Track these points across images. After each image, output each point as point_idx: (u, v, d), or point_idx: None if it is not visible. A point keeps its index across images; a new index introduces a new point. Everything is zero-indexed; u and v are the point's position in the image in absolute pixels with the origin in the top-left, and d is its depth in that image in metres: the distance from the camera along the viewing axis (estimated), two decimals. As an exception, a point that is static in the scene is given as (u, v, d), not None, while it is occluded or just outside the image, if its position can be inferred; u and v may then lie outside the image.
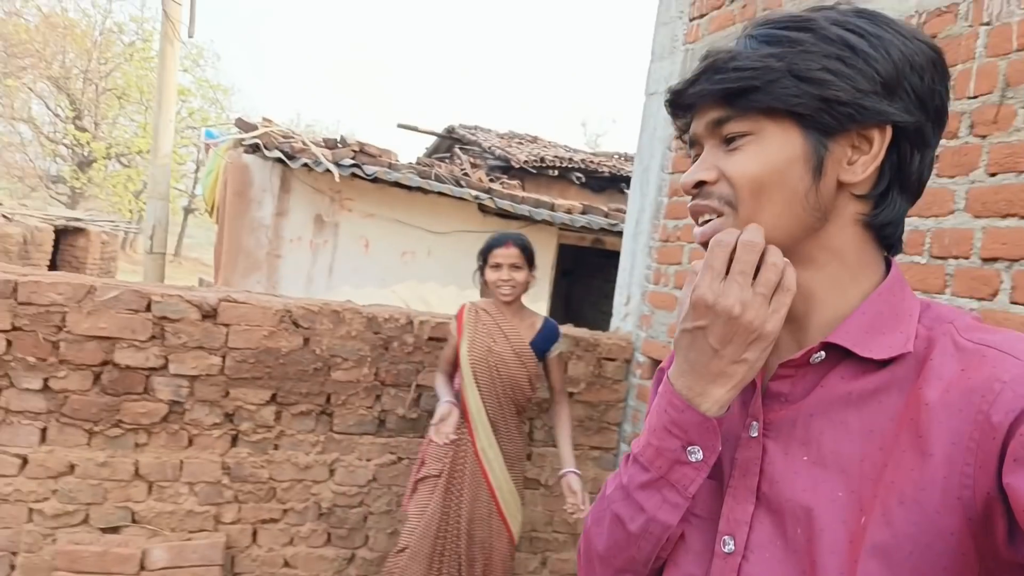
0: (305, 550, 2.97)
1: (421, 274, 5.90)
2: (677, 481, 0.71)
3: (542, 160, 8.67)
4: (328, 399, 2.95)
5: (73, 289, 2.59)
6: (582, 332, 3.36)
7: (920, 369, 0.65)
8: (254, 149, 5.35)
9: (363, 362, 2.95)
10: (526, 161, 8.48)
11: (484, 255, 2.62)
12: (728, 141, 0.70)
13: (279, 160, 5.26)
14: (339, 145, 5.68)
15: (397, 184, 5.55)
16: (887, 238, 0.72)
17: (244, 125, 5.56)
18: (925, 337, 0.67)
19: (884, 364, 0.67)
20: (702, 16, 3.24)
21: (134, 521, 2.73)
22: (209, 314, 2.76)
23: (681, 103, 0.73)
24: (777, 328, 0.67)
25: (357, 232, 5.77)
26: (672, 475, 0.71)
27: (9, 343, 2.53)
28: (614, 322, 3.69)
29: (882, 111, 0.66)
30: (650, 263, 3.42)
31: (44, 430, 2.61)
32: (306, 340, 2.89)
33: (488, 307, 2.65)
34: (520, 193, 6.33)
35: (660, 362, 3.19)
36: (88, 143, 24.24)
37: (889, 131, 0.68)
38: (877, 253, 0.73)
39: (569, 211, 6.32)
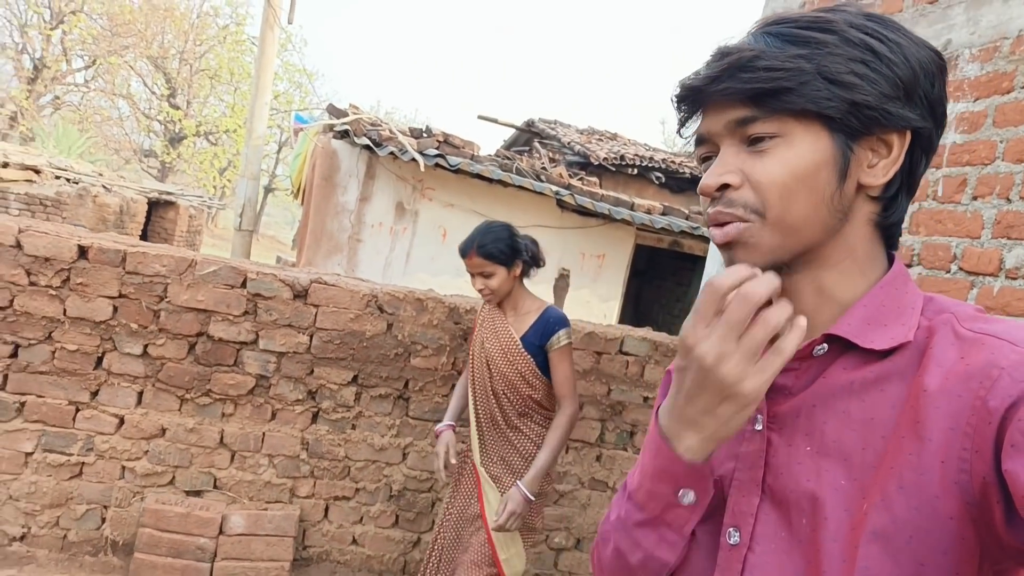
0: (373, 529, 3.03)
1: (496, 266, 5.92)
2: (672, 521, 0.71)
3: (622, 158, 8.57)
4: (406, 384, 2.99)
5: (176, 262, 2.70)
6: (660, 336, 3.30)
7: (921, 359, 0.65)
8: (342, 135, 5.47)
9: (442, 351, 2.98)
10: (605, 158, 8.40)
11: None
12: (752, 142, 0.68)
13: (366, 147, 5.36)
14: (424, 135, 5.74)
15: (478, 176, 5.58)
16: (891, 236, 0.74)
17: (335, 111, 5.68)
18: (926, 327, 0.67)
19: (886, 354, 0.67)
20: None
21: (216, 487, 2.83)
22: (300, 294, 2.83)
23: (697, 100, 0.70)
24: (759, 391, 0.62)
25: (436, 221, 5.83)
26: (667, 516, 0.71)
27: (115, 309, 2.66)
28: (694, 329, 3.61)
29: (904, 116, 0.67)
30: (737, 271, 3.33)
31: (140, 393, 2.73)
32: (389, 325, 2.93)
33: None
34: (600, 191, 6.26)
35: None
36: (180, 120, 25.34)
37: (908, 136, 0.69)
38: (882, 249, 0.74)
39: (649, 211, 6.22)
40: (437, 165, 5.47)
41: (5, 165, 8.79)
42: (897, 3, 2.67)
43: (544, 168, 6.44)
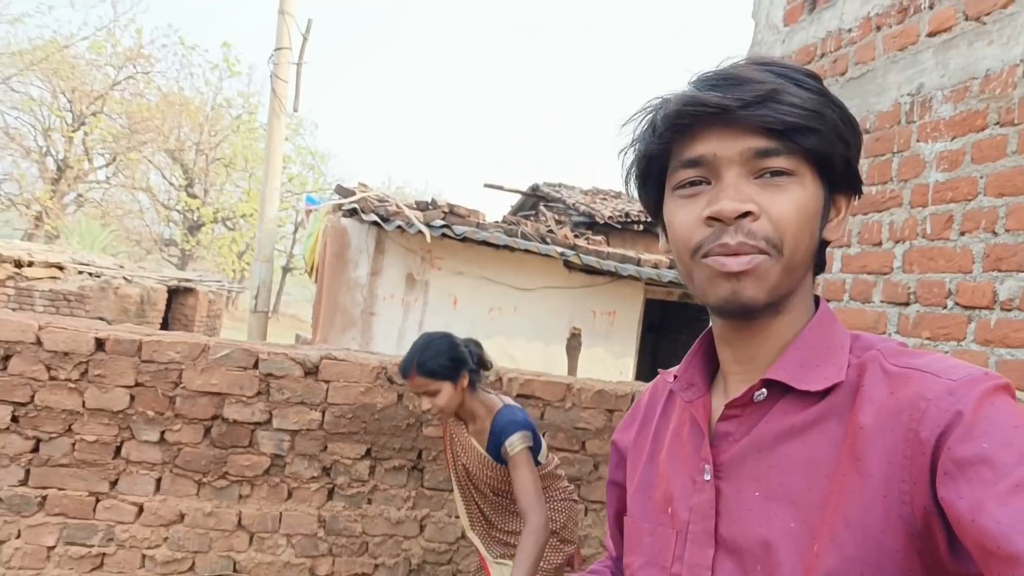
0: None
1: (508, 330, 5.97)
2: None
3: (627, 215, 8.69)
4: (419, 455, 3.00)
5: (189, 348, 2.77)
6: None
7: (854, 396, 0.67)
8: (351, 213, 5.63)
9: (454, 419, 3.00)
10: (610, 216, 8.52)
11: None
12: (761, 175, 0.68)
13: (374, 223, 5.51)
14: (430, 207, 5.90)
15: (485, 243, 5.69)
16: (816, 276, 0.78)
17: (343, 191, 5.88)
18: (856, 365, 0.70)
19: (822, 395, 0.69)
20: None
21: (235, 570, 2.83)
22: (311, 371, 2.89)
23: (713, 120, 0.67)
24: None
25: (446, 289, 5.93)
26: None
27: (132, 398, 2.72)
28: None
29: (860, 182, 0.74)
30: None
31: (159, 480, 2.77)
32: (400, 396, 2.97)
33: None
34: (605, 248, 6.35)
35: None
36: (198, 208, 26.07)
37: (853, 199, 0.75)
38: (812, 291, 0.77)
39: (656, 265, 6.28)
40: (443, 235, 5.60)
41: (30, 264, 9.09)
42: (869, 53, 2.77)
43: (550, 230, 6.56)
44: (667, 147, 0.71)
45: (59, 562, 2.66)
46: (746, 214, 0.66)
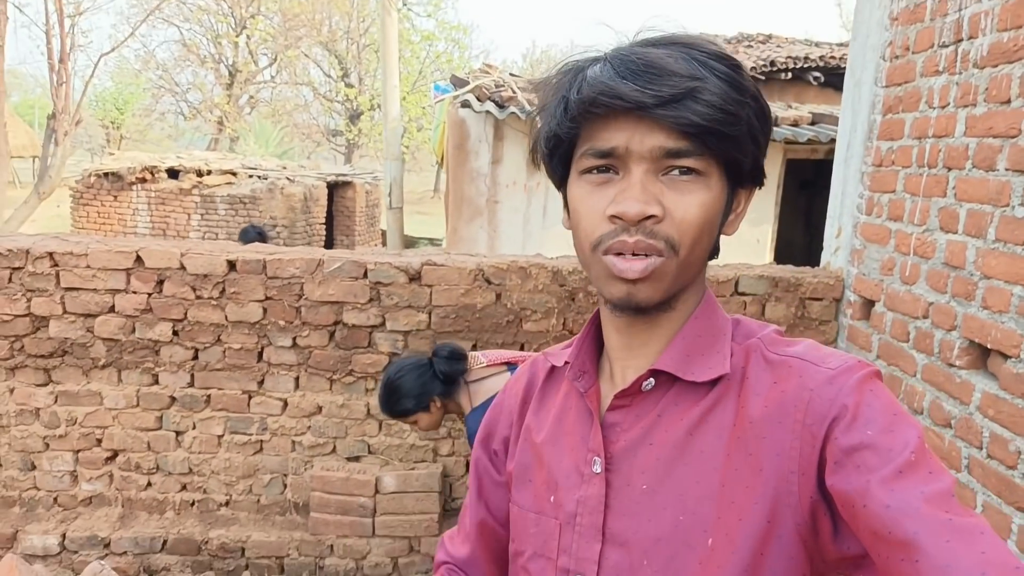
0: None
1: (635, 206, 5.87)
2: None
3: (772, 63, 7.92)
4: (522, 348, 3.16)
5: (306, 263, 3.06)
6: (780, 271, 3.16)
7: (740, 385, 0.69)
8: (468, 103, 5.65)
9: (551, 313, 3.11)
10: (753, 67, 7.81)
11: None
12: (670, 171, 0.66)
13: (490, 112, 5.50)
14: (546, 86, 5.76)
15: (604, 119, 5.52)
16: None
17: (458, 81, 5.88)
18: (740, 354, 0.71)
19: (710, 387, 0.70)
20: None
21: (370, 452, 3.23)
22: (415, 277, 3.09)
23: (621, 111, 0.64)
24: None
25: (569, 170, 5.87)
26: None
27: (264, 310, 3.09)
28: (824, 256, 3.39)
29: (763, 175, 0.73)
30: (862, 191, 3.06)
31: (297, 379, 3.18)
32: (498, 295, 3.11)
33: None
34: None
35: (872, 302, 2.90)
36: (355, 97, 27.11)
37: (753, 192, 0.74)
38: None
39: (796, 123, 5.76)
40: (560, 116, 5.49)
41: (209, 172, 10.13)
42: None
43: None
44: (578, 131, 0.69)
45: (228, 447, 3.19)
46: (650, 216, 0.65)
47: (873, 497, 0.56)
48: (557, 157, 0.73)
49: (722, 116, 0.63)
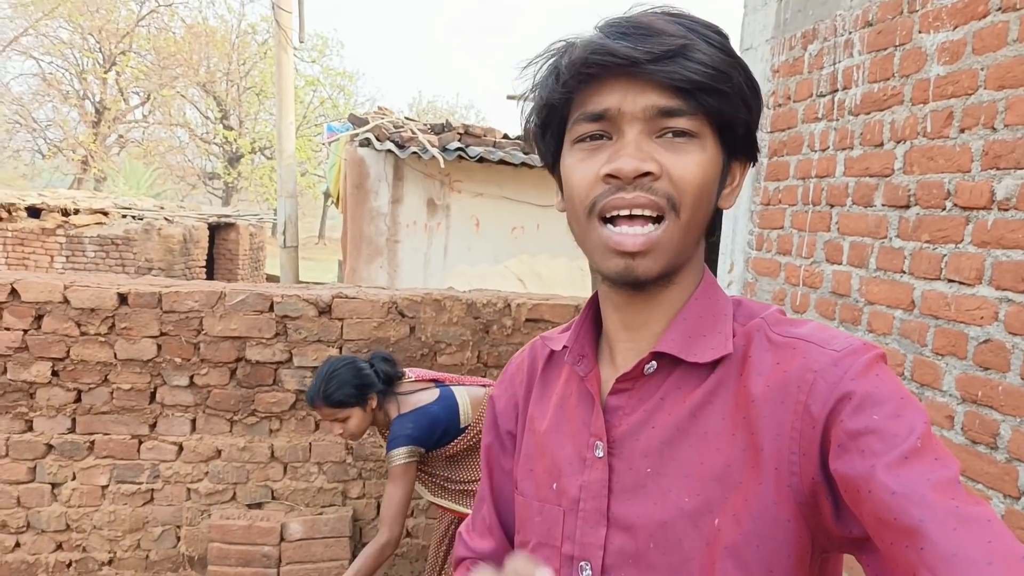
0: (424, 521, 3.19)
1: (532, 247, 5.99)
2: None
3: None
4: (436, 382, 3.12)
5: (207, 296, 2.90)
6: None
7: (742, 366, 0.68)
8: (368, 142, 5.62)
9: (465, 346, 3.10)
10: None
11: None
12: (664, 133, 0.65)
13: (391, 151, 5.50)
14: (445, 129, 5.84)
15: (503, 162, 5.64)
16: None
17: (356, 120, 5.85)
18: (742, 334, 0.70)
19: (712, 368, 0.69)
20: (793, -39, 3.03)
21: (273, 498, 3.05)
22: (324, 310, 2.99)
23: (618, 72, 0.64)
24: None
25: (468, 212, 5.94)
26: None
27: (159, 347, 2.88)
28: (719, 290, 3.60)
29: (757, 150, 0.73)
30: (752, 228, 3.30)
31: (194, 420, 2.97)
32: (412, 328, 3.06)
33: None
34: (628, 158, 6.22)
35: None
36: (235, 140, 26.26)
37: (749, 167, 0.73)
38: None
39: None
40: (460, 157, 5.57)
41: (76, 211, 9.42)
42: (873, -66, 2.57)
43: (572, 142, 6.42)
44: (570, 96, 0.67)
45: (113, 498, 2.91)
46: (646, 174, 0.64)
47: (878, 483, 0.55)
48: (550, 131, 0.71)
49: (714, 73, 0.63)
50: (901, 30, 2.35)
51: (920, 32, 2.29)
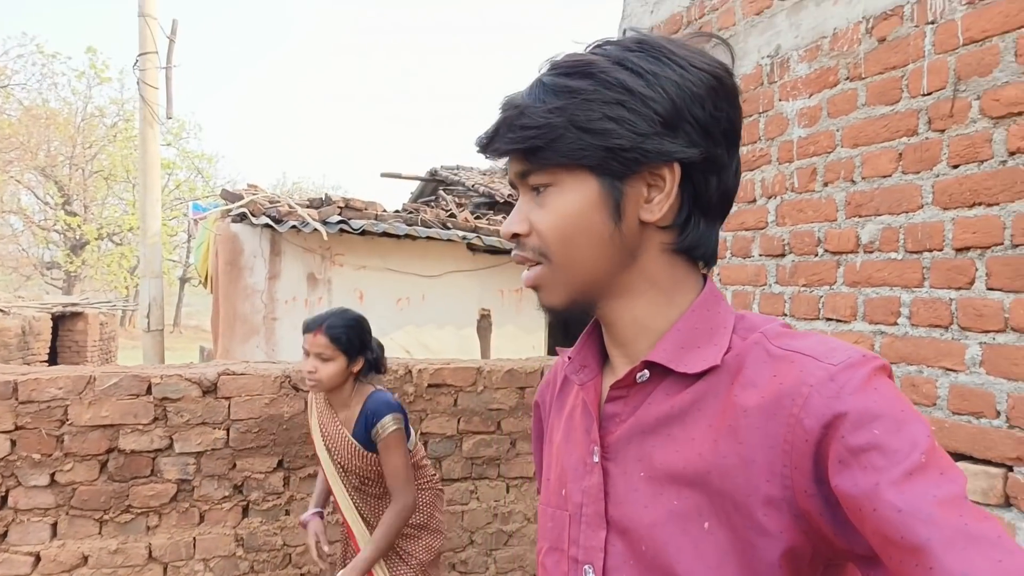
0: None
1: (418, 319, 5.93)
2: None
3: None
4: (335, 459, 2.95)
5: (73, 382, 2.61)
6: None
7: (735, 377, 0.68)
8: (241, 218, 5.42)
9: (366, 418, 2.96)
10: (509, 195, 8.56)
11: (303, 334, 2.25)
12: (534, 190, 0.72)
13: (267, 225, 5.32)
14: (324, 203, 5.75)
15: (385, 234, 5.61)
16: (698, 256, 0.74)
17: (229, 196, 5.64)
18: (740, 346, 0.70)
19: (702, 376, 0.69)
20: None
21: (153, 605, 2.71)
22: (209, 389, 2.77)
23: (489, 156, 0.74)
24: None
25: (350, 285, 5.81)
26: None
27: (13, 443, 2.54)
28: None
29: (665, 151, 0.68)
30: (639, 285, 3.45)
31: (54, 524, 2.61)
32: (307, 403, 2.90)
33: (319, 396, 2.35)
34: (507, 228, 6.38)
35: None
36: (79, 226, 24.44)
37: (677, 168, 0.69)
38: (691, 272, 0.75)
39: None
40: (341, 231, 5.48)
41: None
42: (730, 18, 2.87)
43: (451, 215, 6.52)
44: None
45: (-49, 627, 2.47)
46: (516, 235, 0.73)
47: (883, 501, 0.55)
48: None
49: (533, 132, 0.68)
50: (763, 98, 2.61)
51: (780, 100, 2.55)
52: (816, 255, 2.40)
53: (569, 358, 0.80)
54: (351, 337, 2.14)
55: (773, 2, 2.65)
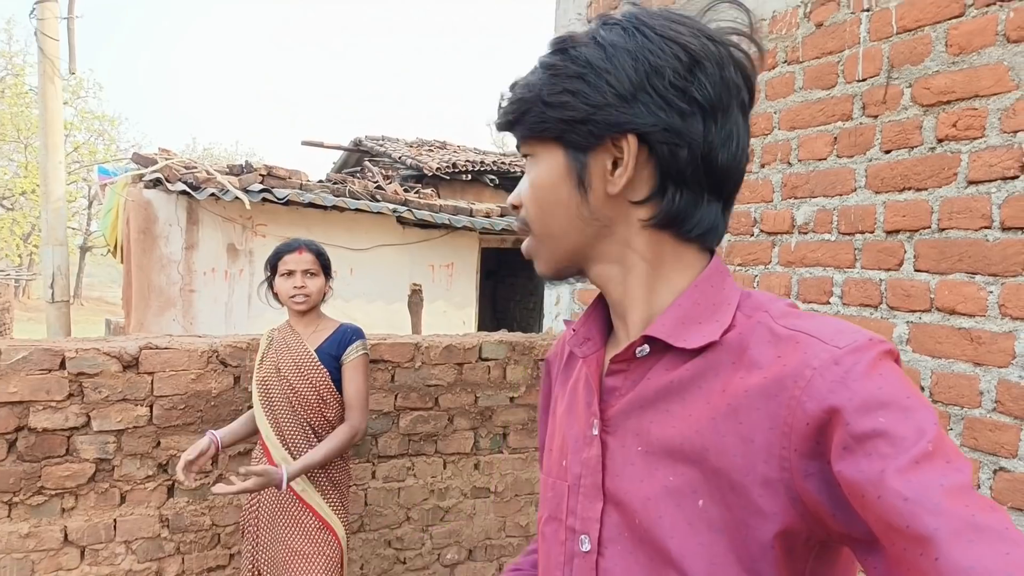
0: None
1: (345, 293, 5.79)
2: None
3: (454, 165, 8.66)
4: (266, 436, 2.85)
5: (-26, 354, 2.41)
6: (515, 337, 3.39)
7: (740, 355, 0.67)
8: (155, 183, 5.12)
9: (299, 393, 2.87)
10: (438, 168, 8.45)
11: (273, 263, 2.37)
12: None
13: (184, 192, 5.05)
14: (245, 171, 5.50)
15: (312, 205, 5.43)
16: (688, 232, 0.72)
17: (142, 159, 5.30)
18: (744, 324, 0.69)
19: (702, 351, 0.69)
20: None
21: (70, 591, 2.56)
22: (131, 364, 2.62)
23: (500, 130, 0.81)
24: None
25: (274, 257, 5.61)
26: None
27: (-93, 421, 2.33)
28: (546, 322, 3.73)
29: (616, 122, 0.68)
30: (576, 261, 3.47)
31: (-43, 509, 2.42)
32: (236, 378, 2.79)
33: (282, 326, 2.44)
34: (438, 201, 6.30)
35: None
36: (-36, 189, 22.57)
37: (633, 140, 0.68)
38: (687, 249, 0.73)
39: (488, 215, 6.34)
40: (264, 200, 5.26)
41: None
42: (670, -4, 2.89)
43: (379, 187, 6.38)
44: None
45: None
46: (515, 207, 0.78)
47: (889, 488, 0.54)
48: None
49: (509, 108, 0.75)
50: (704, 79, 2.65)
51: (721, 81, 2.59)
52: (752, 235, 2.48)
53: (574, 331, 0.80)
54: (327, 258, 2.36)
55: (715, -17, 2.69)
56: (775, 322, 0.67)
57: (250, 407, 2.64)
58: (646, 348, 0.71)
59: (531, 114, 0.72)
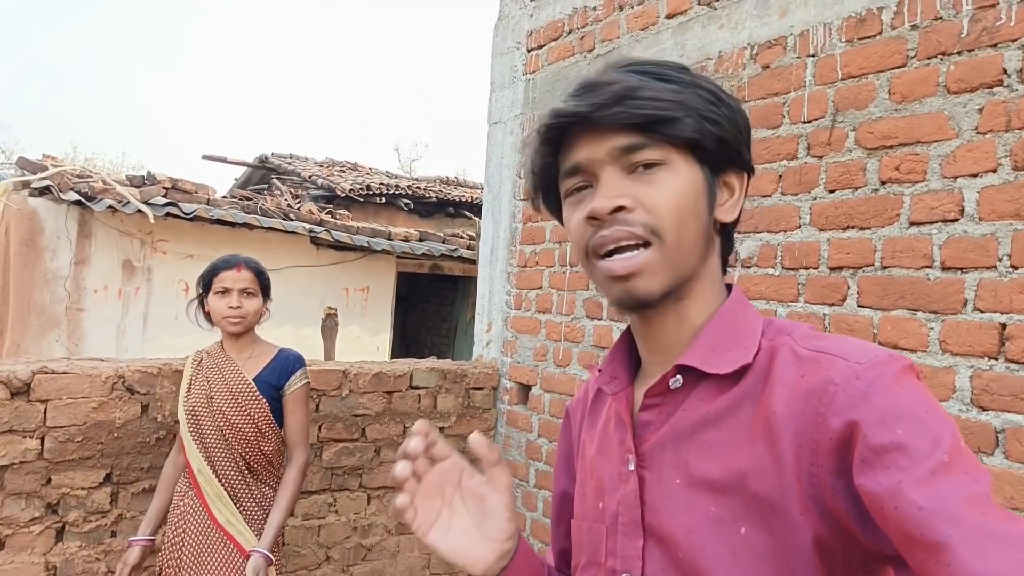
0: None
1: (252, 316, 5.49)
2: None
3: (367, 187, 8.47)
4: (176, 471, 2.60)
5: None
6: (446, 364, 3.28)
7: (766, 379, 0.69)
8: (42, 192, 4.68)
9: (215, 424, 2.64)
10: (351, 189, 8.23)
11: (207, 280, 2.20)
12: (635, 169, 0.71)
13: (76, 203, 4.64)
14: (147, 182, 5.13)
15: (220, 221, 5.13)
16: (724, 266, 0.80)
17: (29, 165, 4.84)
18: (768, 349, 0.71)
19: (736, 381, 0.71)
20: (540, 47, 3.32)
21: (-68, 656, 2.21)
22: (21, 391, 2.33)
23: (577, 127, 0.72)
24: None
25: (174, 275, 5.23)
26: None
27: None
28: (476, 350, 3.64)
29: (748, 159, 0.76)
30: (510, 288, 3.42)
31: None
32: (144, 407, 2.53)
33: (212, 349, 2.28)
34: (356, 223, 6.11)
35: (528, 387, 3.19)
36: None
37: (746, 178, 0.77)
38: (722, 278, 0.80)
39: (407, 239, 6.21)
40: (168, 215, 4.92)
41: None
42: (614, 31, 2.93)
43: (291, 206, 6.12)
44: (549, 160, 0.76)
45: None
46: (619, 208, 0.70)
47: (905, 499, 0.55)
48: (548, 192, 0.80)
49: (663, 103, 0.70)
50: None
51: (665, 115, 2.63)
52: (695, 267, 2.51)
53: (600, 371, 0.82)
54: (266, 277, 2.23)
55: (659, 20, 2.74)
56: (798, 345, 0.70)
57: (164, 453, 2.41)
58: (679, 380, 0.73)
59: (693, 119, 0.70)
